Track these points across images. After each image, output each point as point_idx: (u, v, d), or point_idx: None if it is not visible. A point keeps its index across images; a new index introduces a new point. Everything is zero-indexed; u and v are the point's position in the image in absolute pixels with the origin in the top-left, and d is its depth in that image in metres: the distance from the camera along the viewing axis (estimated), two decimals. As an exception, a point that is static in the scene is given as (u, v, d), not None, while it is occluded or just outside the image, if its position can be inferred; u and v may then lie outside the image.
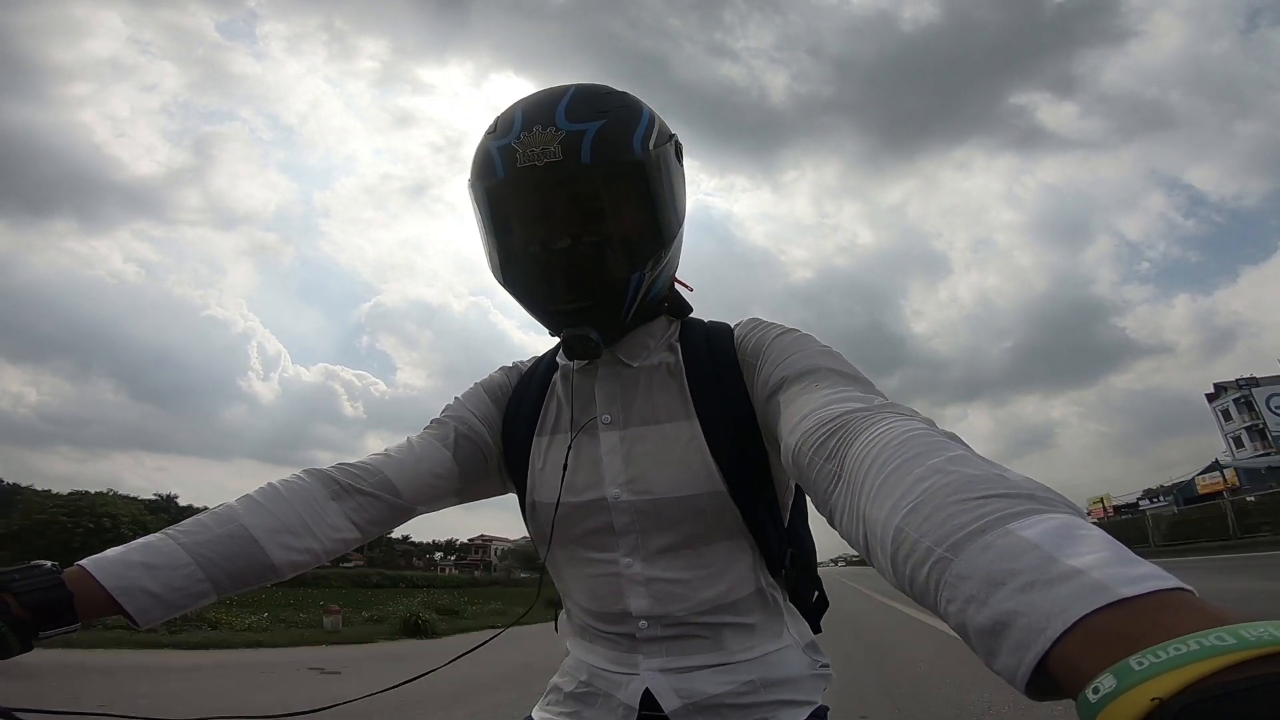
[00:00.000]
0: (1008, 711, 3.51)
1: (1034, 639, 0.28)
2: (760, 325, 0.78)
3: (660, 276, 0.75)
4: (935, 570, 0.34)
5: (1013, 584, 0.30)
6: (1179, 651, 0.23)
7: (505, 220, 0.73)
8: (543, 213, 0.69)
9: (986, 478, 0.36)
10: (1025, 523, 0.32)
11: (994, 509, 0.34)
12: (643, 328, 0.81)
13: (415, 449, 0.81)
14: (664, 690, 0.74)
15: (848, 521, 0.44)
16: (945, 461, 0.39)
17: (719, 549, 0.75)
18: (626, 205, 0.70)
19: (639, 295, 0.73)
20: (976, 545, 0.32)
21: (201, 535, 0.67)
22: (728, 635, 0.75)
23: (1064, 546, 0.30)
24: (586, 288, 0.70)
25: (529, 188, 0.68)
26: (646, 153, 0.69)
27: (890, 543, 0.38)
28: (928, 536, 0.35)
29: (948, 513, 0.35)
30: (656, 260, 0.72)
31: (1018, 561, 0.30)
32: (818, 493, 0.50)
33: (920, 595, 0.36)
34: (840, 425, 0.50)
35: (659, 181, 0.71)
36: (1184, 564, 13.80)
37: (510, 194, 0.70)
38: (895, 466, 0.41)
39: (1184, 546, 21.31)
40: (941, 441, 0.42)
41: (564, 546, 0.81)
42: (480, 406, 0.86)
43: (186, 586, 0.64)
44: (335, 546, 0.75)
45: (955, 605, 0.32)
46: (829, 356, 0.68)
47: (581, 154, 0.66)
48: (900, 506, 0.38)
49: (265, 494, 0.72)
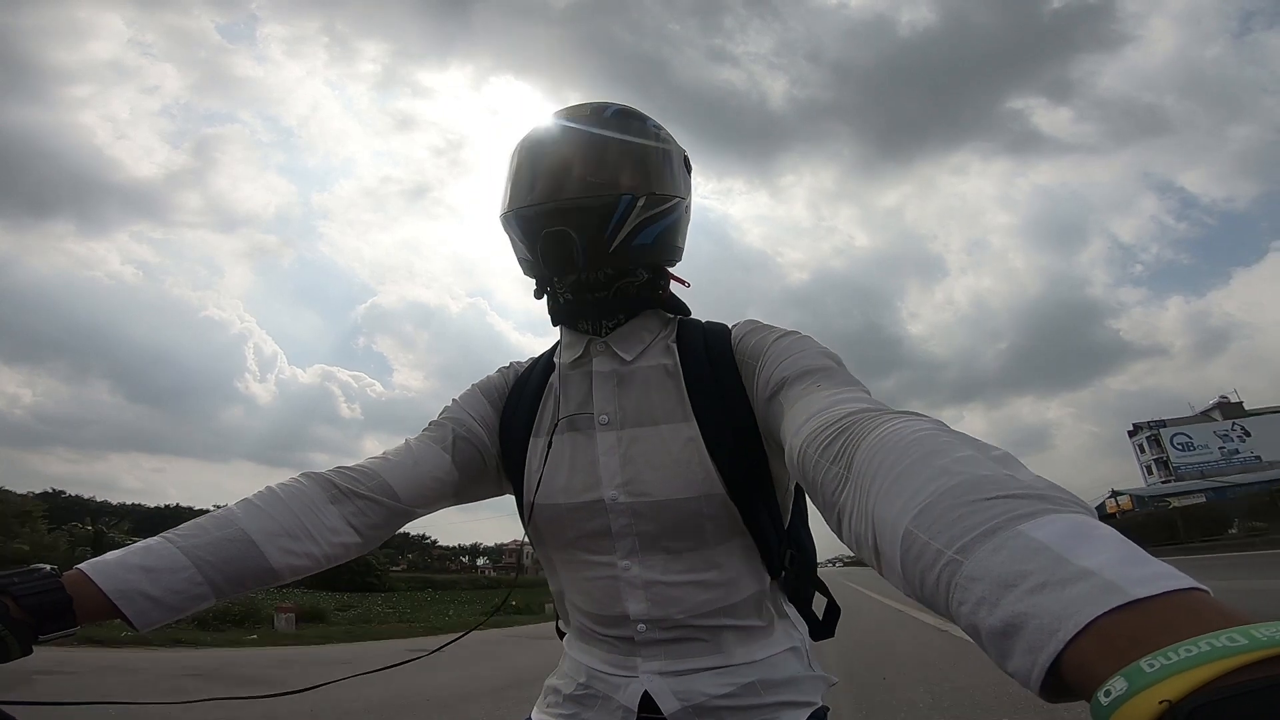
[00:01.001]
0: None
1: (1046, 641, 0.27)
2: (759, 327, 0.78)
3: (653, 232, 0.76)
4: (945, 573, 0.33)
5: (1024, 586, 0.29)
6: (1190, 653, 0.23)
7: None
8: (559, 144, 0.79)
9: (996, 478, 0.36)
10: (1036, 523, 0.32)
11: (1004, 510, 0.33)
12: (637, 320, 0.81)
13: (413, 452, 0.81)
14: (663, 693, 0.73)
15: (856, 524, 0.43)
16: (954, 462, 0.38)
17: (718, 551, 0.74)
18: (630, 152, 0.77)
19: (625, 221, 0.74)
20: (987, 547, 0.32)
21: (200, 539, 0.66)
22: (727, 638, 0.75)
23: (1075, 547, 0.30)
24: (574, 185, 0.75)
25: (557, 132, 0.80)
26: (659, 139, 0.80)
27: (899, 545, 0.37)
28: (938, 539, 0.34)
29: (957, 514, 0.34)
30: (650, 203, 0.75)
31: (1029, 563, 0.30)
32: (824, 495, 0.49)
33: (930, 598, 0.35)
34: (847, 426, 0.49)
35: (663, 154, 0.80)
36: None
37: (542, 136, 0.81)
38: (904, 468, 0.40)
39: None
40: (950, 442, 0.41)
41: (561, 549, 0.80)
42: (477, 408, 0.86)
43: (185, 590, 0.64)
44: (334, 550, 0.74)
45: (966, 607, 0.32)
46: (830, 358, 0.68)
47: (605, 113, 0.80)
48: (909, 509, 0.37)
49: (264, 498, 0.72)
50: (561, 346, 0.86)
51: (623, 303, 0.80)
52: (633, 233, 0.75)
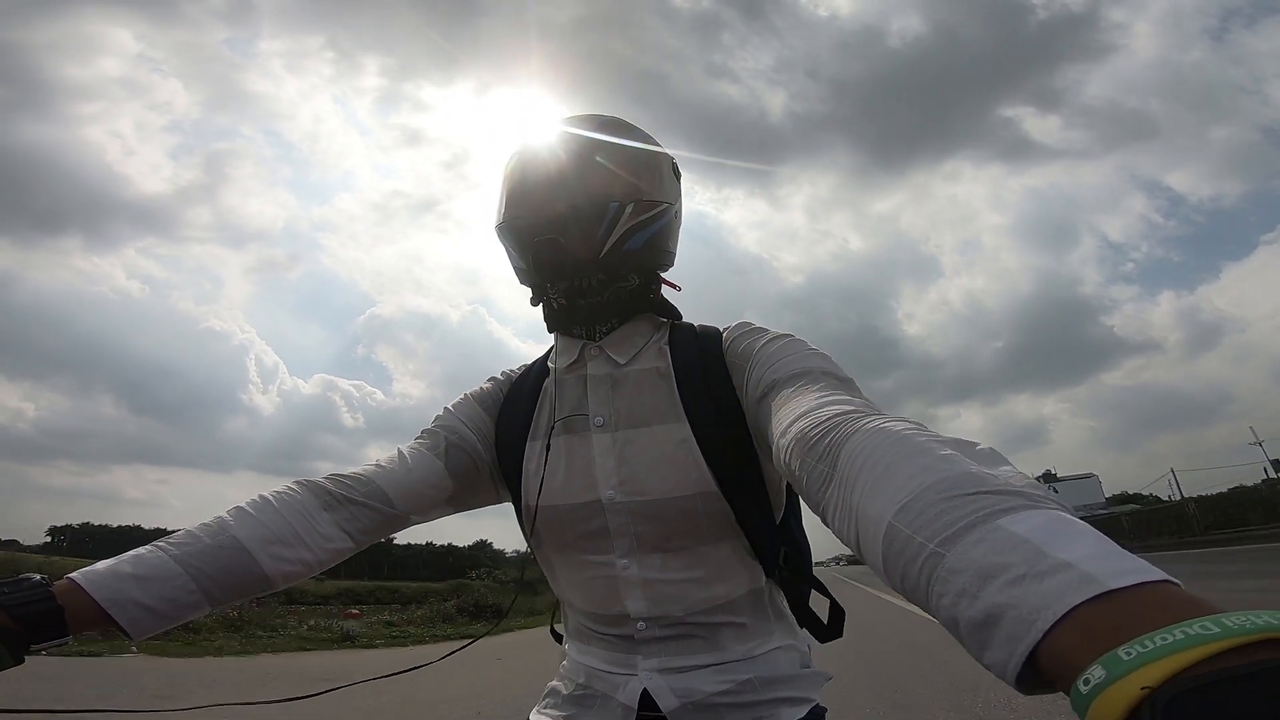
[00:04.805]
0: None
1: (1025, 631, 0.28)
2: (750, 329, 0.78)
3: (642, 237, 0.78)
4: (927, 566, 0.34)
5: (1004, 577, 0.30)
6: (1165, 641, 0.24)
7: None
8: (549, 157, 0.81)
9: (977, 475, 0.37)
10: (1016, 518, 0.32)
11: (985, 505, 0.34)
12: (630, 324, 0.82)
13: (407, 459, 0.81)
14: (662, 690, 0.74)
15: (840, 520, 0.44)
16: (936, 460, 0.39)
17: (714, 549, 0.75)
18: (618, 159, 0.79)
19: (615, 227, 0.76)
20: (968, 540, 0.33)
21: (193, 546, 0.66)
22: (725, 635, 0.75)
23: (1054, 541, 0.30)
24: (565, 193, 0.76)
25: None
26: (646, 147, 0.83)
27: (882, 540, 0.38)
28: (920, 533, 0.35)
29: (939, 509, 0.35)
30: (638, 209, 0.77)
31: (1009, 555, 0.31)
32: (810, 492, 0.50)
33: (911, 591, 0.36)
34: (833, 426, 0.50)
35: (650, 161, 0.82)
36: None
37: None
38: (887, 465, 0.41)
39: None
40: (932, 441, 0.42)
41: (559, 550, 0.81)
42: (471, 415, 0.86)
43: (178, 598, 0.64)
44: (328, 557, 0.75)
45: (947, 600, 0.32)
46: (820, 359, 0.68)
47: (594, 124, 0.81)
48: (892, 504, 0.38)
49: (257, 505, 0.72)
50: (556, 352, 0.86)
51: (615, 307, 0.80)
52: (622, 238, 0.77)
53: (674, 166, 0.87)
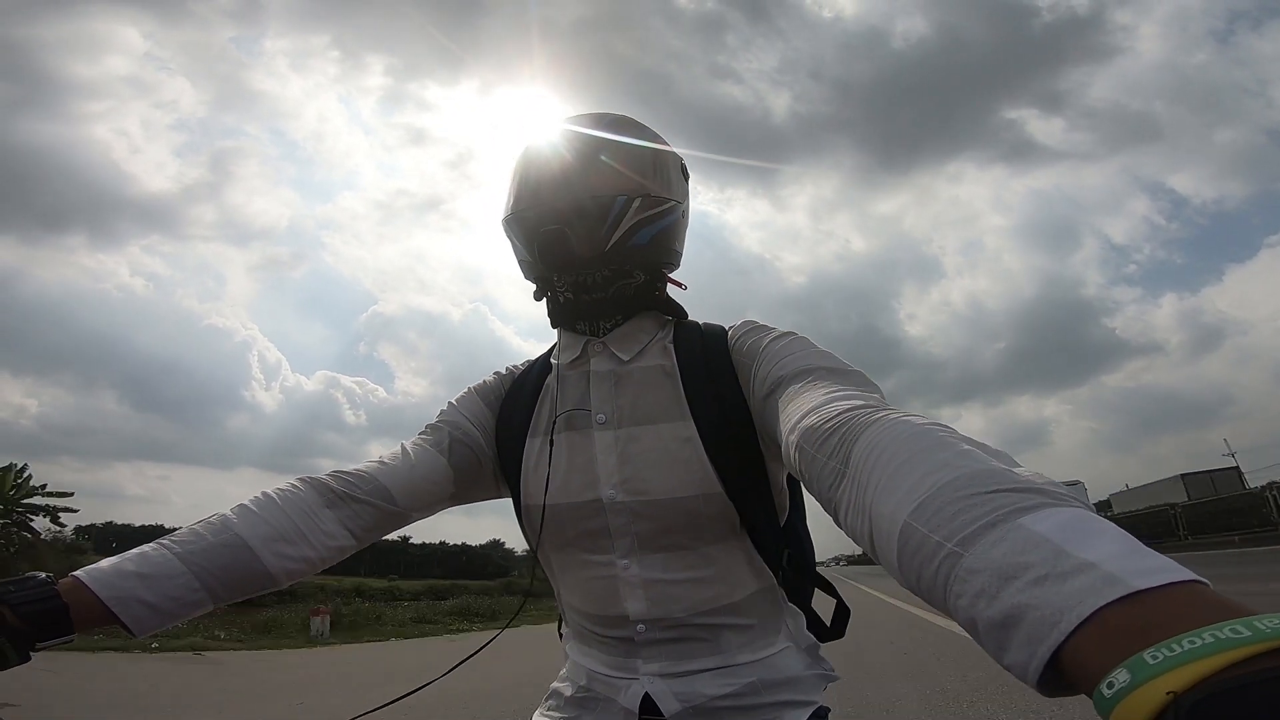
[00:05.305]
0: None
1: (1047, 632, 0.27)
2: (756, 327, 0.78)
3: (649, 233, 0.78)
4: (944, 566, 0.33)
5: (1025, 578, 0.29)
6: (1193, 645, 0.23)
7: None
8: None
9: (995, 472, 0.36)
10: (1036, 516, 0.32)
11: (1003, 503, 0.33)
12: (634, 321, 0.81)
13: (410, 455, 0.81)
14: (664, 694, 0.73)
15: (853, 518, 0.43)
16: (953, 456, 0.38)
17: (716, 550, 0.74)
18: (626, 156, 0.79)
19: (621, 221, 0.77)
20: (987, 540, 0.32)
21: (196, 544, 0.66)
22: (727, 637, 0.75)
23: (1076, 540, 0.30)
24: (572, 187, 0.77)
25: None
26: (655, 145, 0.83)
27: (897, 539, 0.37)
28: (937, 532, 0.34)
29: (956, 508, 0.34)
30: (645, 204, 0.78)
31: (1029, 555, 0.30)
32: (821, 489, 0.49)
33: (928, 591, 0.35)
34: (844, 422, 0.49)
35: (659, 159, 0.82)
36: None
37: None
38: (901, 462, 0.40)
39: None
40: (947, 438, 0.41)
41: (560, 549, 0.80)
42: (474, 410, 0.86)
43: (182, 596, 0.64)
44: (331, 554, 0.74)
45: (965, 600, 0.32)
46: (826, 357, 0.68)
47: (603, 121, 0.82)
48: (907, 502, 0.37)
49: (260, 503, 0.72)
50: (559, 348, 0.86)
51: (620, 304, 0.80)
52: (628, 233, 0.77)
53: (683, 166, 0.87)
